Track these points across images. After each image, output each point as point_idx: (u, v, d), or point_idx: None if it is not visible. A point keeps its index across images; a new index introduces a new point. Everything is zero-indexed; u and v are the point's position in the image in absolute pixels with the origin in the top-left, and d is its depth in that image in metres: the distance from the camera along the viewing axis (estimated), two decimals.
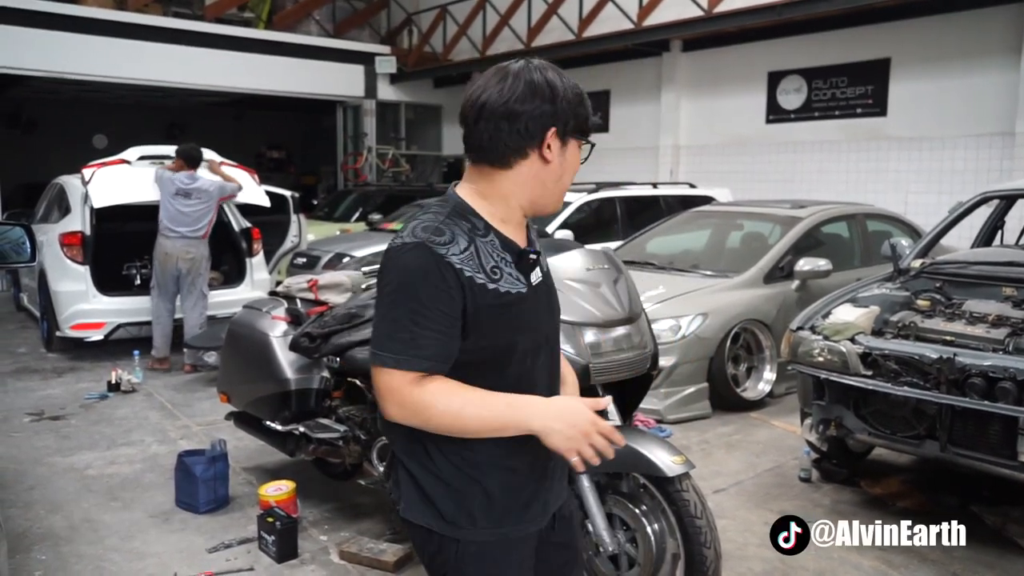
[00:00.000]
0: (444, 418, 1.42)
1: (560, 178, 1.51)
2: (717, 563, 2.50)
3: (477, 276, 1.44)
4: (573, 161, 1.51)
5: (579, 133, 1.50)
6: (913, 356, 3.43)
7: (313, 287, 3.91)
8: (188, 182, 6.37)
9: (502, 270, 1.48)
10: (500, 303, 1.46)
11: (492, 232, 1.50)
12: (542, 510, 1.61)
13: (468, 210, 1.50)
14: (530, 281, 1.53)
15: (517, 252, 1.52)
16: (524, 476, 1.56)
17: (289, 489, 3.50)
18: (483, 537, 1.53)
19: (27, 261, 3.14)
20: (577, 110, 1.48)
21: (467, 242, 1.45)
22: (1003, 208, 5.00)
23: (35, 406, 5.50)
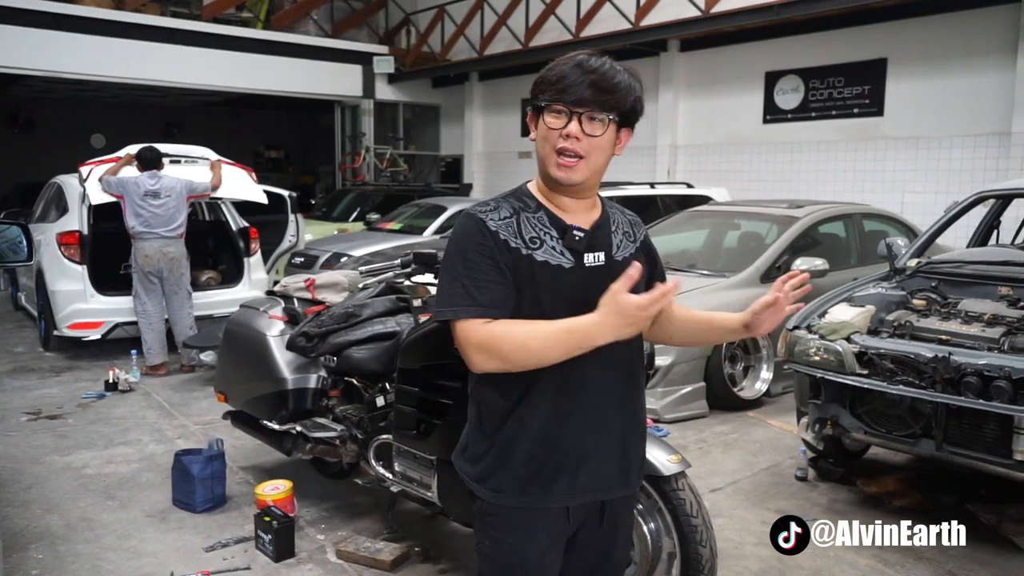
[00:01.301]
0: (518, 353, 1.49)
1: (542, 147, 1.59)
2: (713, 562, 2.50)
3: (512, 240, 1.56)
4: (543, 130, 1.57)
5: (540, 105, 1.57)
6: (909, 355, 3.44)
7: (310, 286, 3.92)
8: (153, 182, 6.27)
9: (543, 242, 1.58)
10: (535, 271, 1.55)
11: (542, 209, 1.62)
12: (572, 488, 1.62)
13: (525, 192, 1.66)
14: (582, 260, 1.60)
15: (562, 228, 1.60)
16: (555, 451, 1.60)
17: (286, 488, 3.50)
18: (504, 501, 1.62)
19: (24, 260, 3.14)
20: (541, 86, 1.57)
21: (510, 213, 1.59)
22: (999, 207, 5.02)
23: (32, 405, 5.50)
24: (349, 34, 15.28)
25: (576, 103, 1.52)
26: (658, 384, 5.07)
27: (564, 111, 1.53)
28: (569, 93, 1.52)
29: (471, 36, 13.97)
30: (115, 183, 6.26)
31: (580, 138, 1.54)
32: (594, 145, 1.55)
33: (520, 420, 1.61)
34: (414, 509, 3.47)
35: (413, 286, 3.37)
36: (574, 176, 1.57)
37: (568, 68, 1.54)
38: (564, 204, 1.63)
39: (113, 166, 6.45)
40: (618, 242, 1.68)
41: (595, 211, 1.67)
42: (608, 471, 1.67)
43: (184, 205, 6.44)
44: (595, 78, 1.52)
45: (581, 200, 1.64)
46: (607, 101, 1.53)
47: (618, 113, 1.56)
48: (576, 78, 1.52)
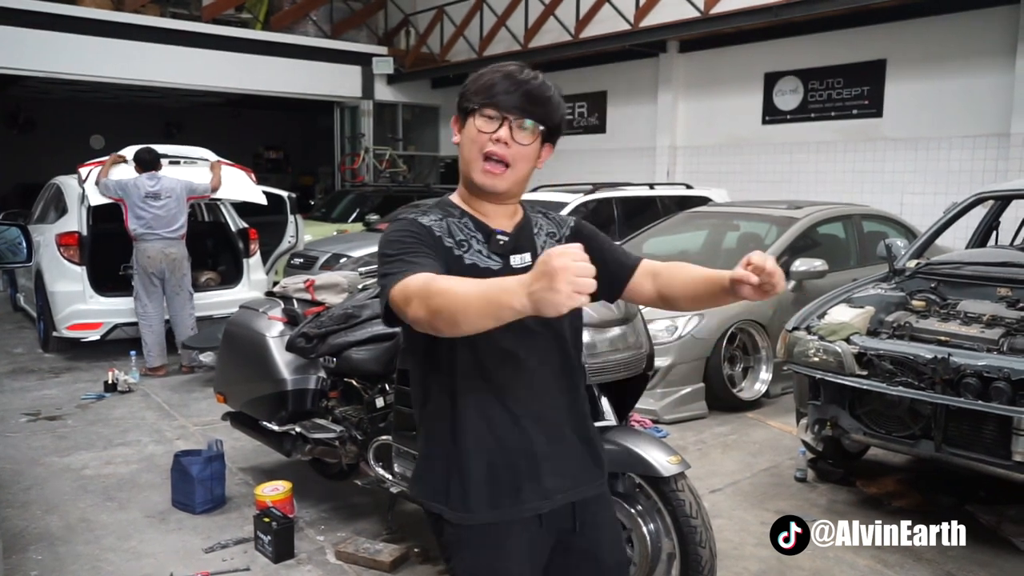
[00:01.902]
0: (445, 306, 1.31)
1: (468, 150, 1.58)
2: (712, 563, 2.50)
3: (445, 239, 1.58)
4: (471, 132, 1.57)
5: (471, 108, 1.57)
6: (908, 356, 3.44)
7: (310, 287, 3.92)
8: (152, 184, 6.27)
9: (470, 245, 1.60)
10: (463, 271, 1.54)
11: (467, 216, 1.64)
12: (539, 494, 1.60)
13: (448, 202, 1.68)
14: (508, 262, 1.61)
15: (487, 232, 1.62)
16: (512, 455, 1.58)
17: (286, 489, 3.50)
18: (475, 520, 1.58)
19: (23, 261, 3.14)
20: (470, 91, 1.58)
21: (440, 217, 1.61)
22: (998, 209, 5.02)
23: (32, 406, 5.50)
24: (348, 35, 15.27)
25: (509, 109, 1.54)
26: (657, 385, 5.07)
27: (496, 116, 1.54)
28: (503, 99, 1.53)
29: (470, 37, 13.97)
30: (114, 186, 6.26)
31: (509, 144, 1.54)
32: (521, 154, 1.56)
33: (470, 431, 1.58)
34: (413, 510, 3.47)
35: None
36: (499, 184, 1.57)
37: (500, 77, 1.55)
38: (486, 210, 1.64)
39: (103, 168, 6.45)
40: (542, 243, 1.69)
41: (516, 216, 1.69)
42: (570, 469, 1.66)
43: (184, 206, 6.44)
44: (529, 88, 1.54)
45: (503, 206, 1.66)
46: (538, 112, 1.55)
47: (547, 126, 1.58)
48: (509, 86, 1.54)
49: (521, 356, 1.58)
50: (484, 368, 1.57)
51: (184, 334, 6.41)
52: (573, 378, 1.70)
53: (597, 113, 13.07)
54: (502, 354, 1.57)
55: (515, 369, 1.58)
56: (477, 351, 1.55)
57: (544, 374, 1.62)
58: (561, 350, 1.66)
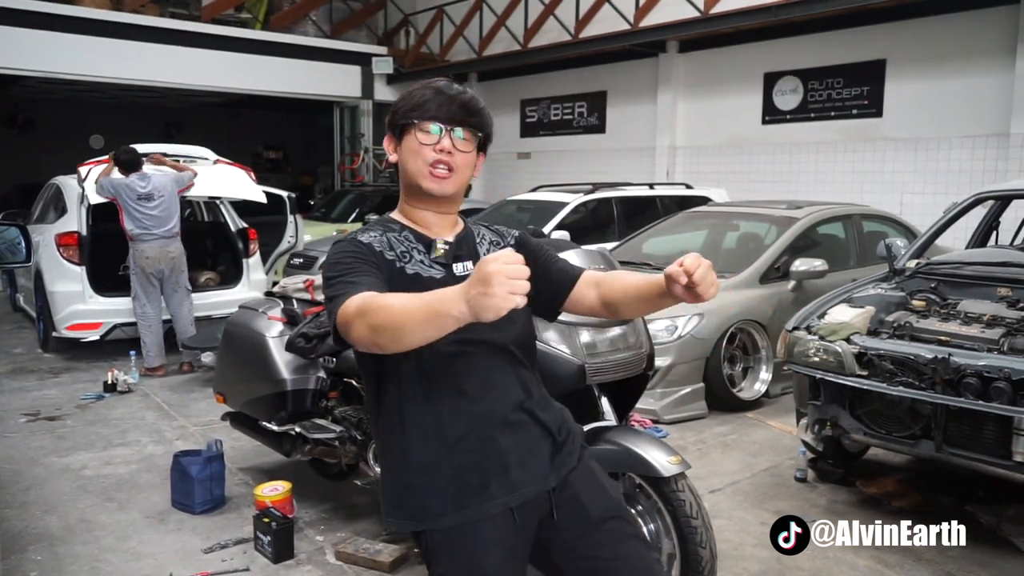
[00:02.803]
0: (385, 323, 1.34)
1: (412, 162, 1.64)
2: (713, 563, 2.50)
3: (387, 252, 1.63)
4: (413, 145, 1.63)
5: (409, 123, 1.64)
6: (908, 356, 3.44)
7: (309, 287, 3.91)
8: (144, 184, 6.22)
9: (412, 256, 1.65)
10: (406, 281, 1.59)
11: (407, 230, 1.70)
12: (506, 488, 1.60)
13: (388, 219, 1.74)
14: (451, 270, 1.66)
15: (427, 243, 1.67)
16: (473, 453, 1.59)
17: (285, 489, 3.50)
18: (444, 523, 1.59)
19: (23, 261, 3.14)
20: (404, 108, 1.65)
21: (379, 233, 1.67)
22: (998, 208, 5.02)
23: (31, 406, 5.50)
24: (348, 35, 15.28)
25: (447, 120, 1.62)
26: (657, 385, 5.06)
27: (436, 128, 1.62)
28: (440, 112, 1.62)
29: (470, 37, 13.97)
30: (108, 185, 6.24)
31: (452, 152, 1.62)
32: (464, 161, 1.64)
33: (424, 438, 1.60)
34: None
35: None
36: (447, 187, 1.64)
37: (433, 93, 1.64)
38: (427, 221, 1.70)
39: (106, 167, 6.44)
40: (484, 251, 1.73)
41: (457, 227, 1.75)
42: (537, 460, 1.65)
43: (177, 202, 6.42)
44: (463, 101, 1.64)
45: (444, 216, 1.71)
46: (474, 122, 1.65)
47: (483, 133, 1.67)
48: (443, 100, 1.62)
49: (468, 354, 1.61)
50: (431, 374, 1.59)
51: (185, 331, 6.41)
52: (525, 364, 1.71)
53: (597, 113, 13.07)
54: (447, 357, 1.59)
55: (464, 369, 1.60)
56: (422, 359, 1.57)
57: (495, 368, 1.64)
58: (513, 347, 1.67)
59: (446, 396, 1.60)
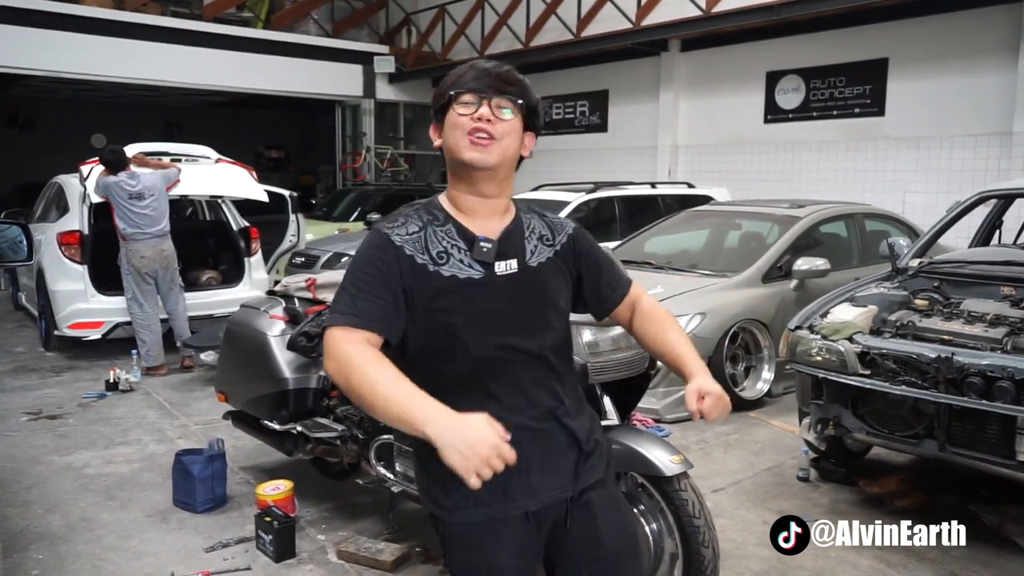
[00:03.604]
0: (361, 387, 1.41)
1: (451, 136, 1.58)
2: (715, 563, 2.49)
3: (419, 256, 1.55)
4: (452, 119, 1.57)
5: (447, 101, 1.58)
6: (911, 355, 3.43)
7: (311, 286, 3.90)
8: (134, 183, 6.20)
9: (450, 255, 1.57)
10: (441, 286, 1.55)
11: (450, 222, 1.61)
12: (526, 492, 1.59)
13: (435, 204, 1.65)
14: (492, 270, 1.58)
15: (470, 240, 1.59)
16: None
17: (287, 488, 3.49)
18: (464, 518, 1.59)
19: (24, 260, 3.14)
20: (442, 90, 1.60)
21: (418, 227, 1.59)
22: (1001, 207, 5.01)
23: (33, 405, 5.50)
24: (350, 34, 15.27)
25: (484, 90, 1.56)
26: (660, 384, 5.05)
27: (474, 100, 1.55)
28: (477, 83, 1.56)
29: (472, 36, 13.95)
30: (102, 185, 6.23)
31: (492, 120, 1.55)
32: (505, 130, 1.56)
33: None
34: (415, 509, 3.46)
35: None
36: (488, 156, 1.55)
37: (468, 68, 1.60)
38: (473, 209, 1.62)
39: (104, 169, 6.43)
40: (532, 247, 1.65)
41: (507, 216, 1.66)
42: (559, 469, 1.64)
43: (167, 200, 6.42)
44: (498, 72, 1.58)
45: (491, 201, 1.62)
46: (512, 91, 1.58)
47: (525, 102, 1.59)
48: (479, 74, 1.58)
49: (503, 360, 1.58)
50: (465, 377, 1.57)
51: (182, 329, 6.41)
52: (561, 372, 1.68)
53: (598, 112, 13.06)
54: (483, 362, 1.57)
55: (497, 375, 1.58)
56: (455, 361, 1.57)
57: (528, 376, 1.61)
58: (548, 355, 1.64)
59: (476, 398, 1.57)
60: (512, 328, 1.59)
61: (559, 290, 1.67)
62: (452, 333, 1.55)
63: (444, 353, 1.57)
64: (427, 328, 1.57)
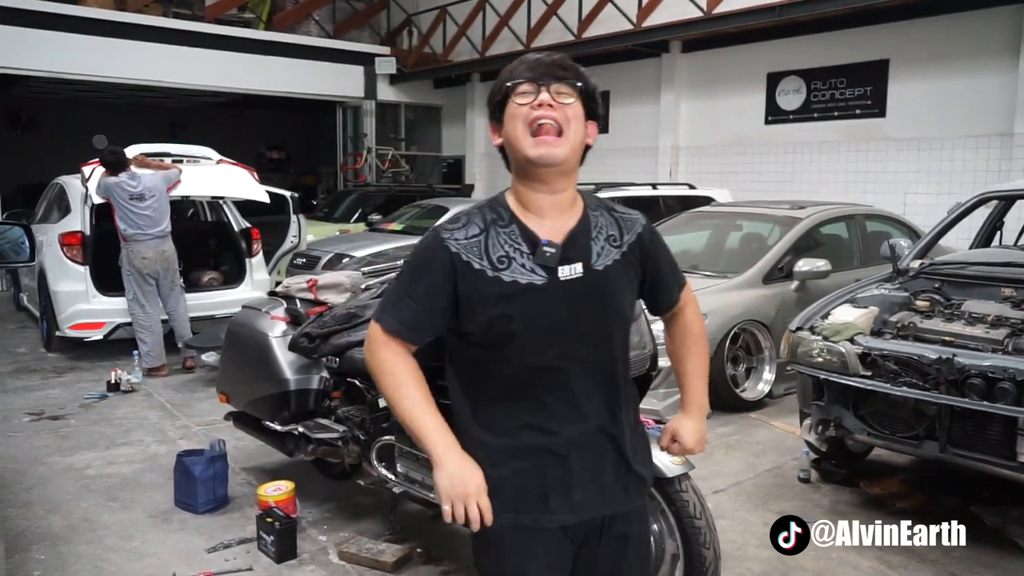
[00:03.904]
0: (387, 394, 1.58)
1: (512, 130, 1.53)
2: (716, 564, 2.50)
3: (476, 262, 1.52)
4: (511, 111, 1.53)
5: (505, 95, 1.54)
6: (912, 356, 3.43)
7: (312, 287, 3.91)
8: (135, 184, 6.20)
9: (512, 260, 1.52)
10: (501, 291, 1.51)
11: (515, 222, 1.55)
12: (566, 507, 1.57)
13: (501, 202, 1.60)
14: (555, 274, 1.53)
15: (534, 243, 1.53)
16: (540, 463, 1.56)
17: (288, 489, 3.50)
18: (500, 522, 1.55)
19: (26, 261, 3.15)
20: (498, 85, 1.56)
21: (479, 229, 1.55)
22: (1002, 209, 5.01)
23: (35, 406, 5.50)
24: (351, 35, 15.28)
25: (541, 77, 1.51)
26: (660, 385, 5.05)
27: (531, 89, 1.50)
28: (532, 72, 1.51)
29: (473, 37, 13.96)
30: (103, 186, 6.24)
31: (554, 105, 1.49)
32: (568, 115, 1.50)
33: (500, 436, 1.57)
34: (416, 510, 3.46)
35: None
36: (557, 151, 1.49)
37: (520, 61, 1.56)
38: (539, 207, 1.55)
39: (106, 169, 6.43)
40: (599, 249, 1.58)
41: (573, 214, 1.59)
42: (604, 486, 1.61)
43: (167, 201, 6.42)
44: (552, 60, 1.54)
45: (558, 196, 1.55)
46: (569, 75, 1.53)
47: (583, 85, 1.53)
48: (534, 63, 1.53)
49: (561, 370, 1.54)
50: (520, 380, 1.55)
51: (183, 330, 6.42)
52: (619, 392, 1.63)
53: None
54: (539, 371, 1.54)
55: (553, 385, 1.55)
56: (512, 365, 1.54)
57: (583, 389, 1.57)
58: (608, 367, 1.61)
59: (527, 404, 1.55)
60: (573, 336, 1.55)
61: (624, 294, 1.61)
62: (510, 339, 1.52)
63: (500, 357, 1.54)
64: (485, 331, 1.53)
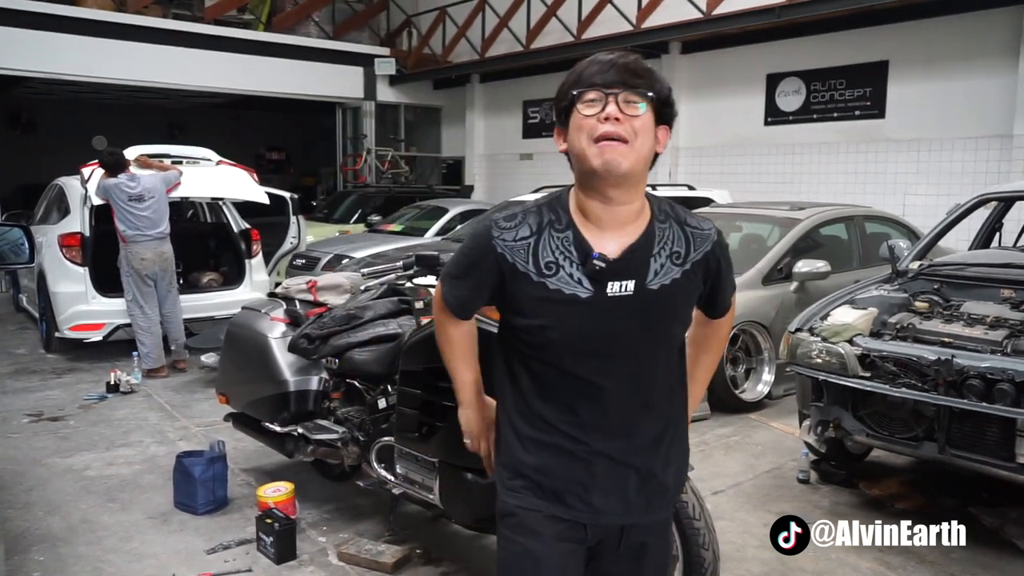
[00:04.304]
0: (442, 344, 1.75)
1: (577, 141, 1.47)
2: (715, 565, 2.49)
3: (521, 264, 1.49)
4: (577, 121, 1.47)
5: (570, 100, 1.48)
6: (911, 358, 3.43)
7: (312, 289, 3.91)
8: (134, 185, 6.19)
9: (560, 267, 1.48)
10: (545, 297, 1.48)
11: (571, 228, 1.50)
12: (583, 505, 1.56)
13: (563, 203, 1.54)
14: (604, 289, 1.47)
15: (586, 253, 1.47)
16: (565, 463, 1.55)
17: (288, 490, 3.49)
18: (519, 503, 1.59)
19: (26, 262, 3.14)
20: (565, 87, 1.51)
21: (532, 231, 1.51)
22: (1001, 210, 5.01)
23: (34, 407, 5.50)
24: (350, 36, 15.28)
25: (610, 85, 1.42)
26: None
27: (599, 97, 1.42)
28: (601, 78, 1.43)
29: (472, 38, 13.96)
30: (102, 187, 6.23)
31: (621, 119, 1.41)
32: (636, 127, 1.42)
33: (533, 433, 1.57)
34: (416, 511, 3.47)
35: (415, 288, 3.37)
36: (621, 161, 1.41)
37: (590, 62, 1.47)
38: (599, 216, 1.48)
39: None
40: (658, 266, 1.50)
41: (638, 225, 1.50)
42: (627, 498, 1.57)
43: (167, 202, 6.42)
44: (624, 63, 1.44)
45: (621, 208, 1.48)
46: (641, 84, 1.44)
47: (655, 94, 1.45)
48: (604, 67, 1.44)
49: (599, 385, 1.52)
50: (555, 383, 1.53)
51: (177, 332, 6.41)
52: (656, 412, 1.58)
53: None
54: (575, 378, 1.52)
55: (587, 394, 1.52)
56: (549, 367, 1.53)
57: (620, 403, 1.53)
58: (647, 387, 1.56)
59: (558, 408, 1.54)
60: (614, 353, 1.51)
61: (678, 314, 1.57)
62: (547, 346, 1.51)
63: (540, 357, 1.53)
64: (526, 329, 1.52)
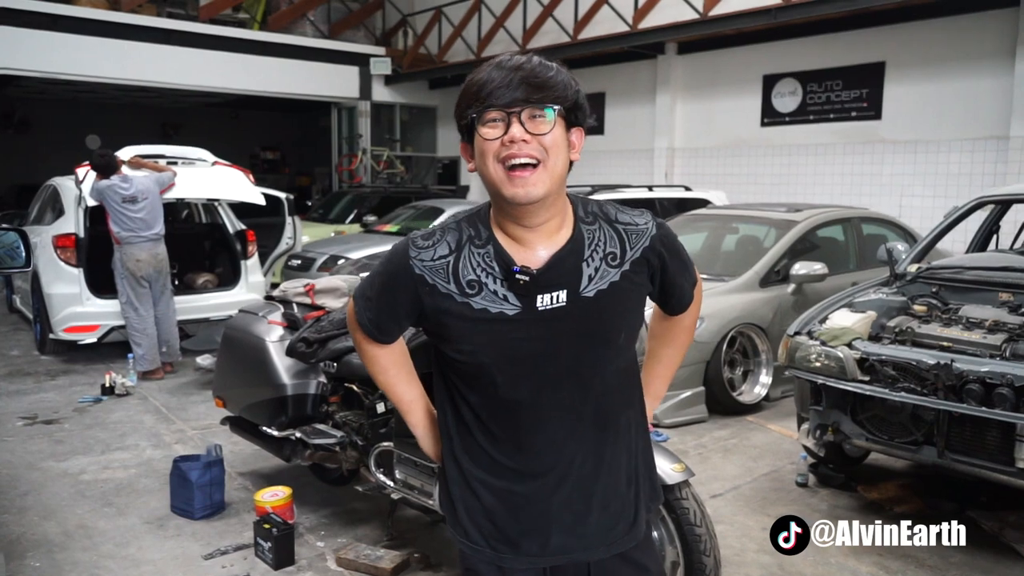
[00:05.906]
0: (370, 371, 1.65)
1: (483, 166, 1.35)
2: (717, 571, 2.49)
3: (442, 285, 1.39)
4: (480, 146, 1.34)
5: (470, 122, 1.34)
6: (910, 362, 3.43)
7: (310, 292, 3.89)
8: (127, 187, 6.16)
9: (483, 285, 1.37)
10: (471, 318, 1.38)
11: (492, 242, 1.39)
12: (539, 551, 1.46)
13: (483, 217, 1.43)
14: (533, 303, 1.37)
15: (507, 269, 1.37)
16: (515, 504, 1.46)
17: (285, 495, 3.48)
18: (476, 554, 1.50)
19: (22, 266, 3.12)
20: (464, 102, 1.35)
21: (451, 249, 1.40)
22: (998, 213, 5.02)
23: (28, 410, 5.47)
24: (346, 35, 15.26)
25: (511, 104, 1.29)
26: None
27: (500, 116, 1.30)
28: (498, 96, 1.29)
29: (468, 38, 13.96)
30: (96, 190, 6.20)
31: (528, 140, 1.29)
32: (547, 144, 1.31)
33: (477, 471, 1.47)
34: (414, 516, 3.46)
35: None
36: (534, 189, 1.30)
37: (489, 72, 1.32)
38: (517, 233, 1.38)
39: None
40: (592, 271, 1.39)
41: (562, 234, 1.40)
42: (587, 531, 1.47)
43: (161, 204, 6.39)
44: (524, 74, 1.30)
45: (540, 227, 1.38)
46: (544, 97, 1.30)
47: (562, 106, 1.33)
48: (502, 79, 1.30)
49: (542, 407, 1.42)
50: (496, 416, 1.44)
51: (169, 334, 6.39)
52: (610, 429, 1.48)
53: (595, 115, 13.04)
54: (516, 407, 1.42)
55: (531, 423, 1.42)
56: (487, 398, 1.43)
57: (567, 426, 1.43)
58: (596, 402, 1.45)
59: (505, 448, 1.45)
60: (553, 372, 1.40)
61: (623, 320, 1.44)
62: (480, 372, 1.41)
63: (474, 388, 1.44)
64: (455, 356, 1.42)
